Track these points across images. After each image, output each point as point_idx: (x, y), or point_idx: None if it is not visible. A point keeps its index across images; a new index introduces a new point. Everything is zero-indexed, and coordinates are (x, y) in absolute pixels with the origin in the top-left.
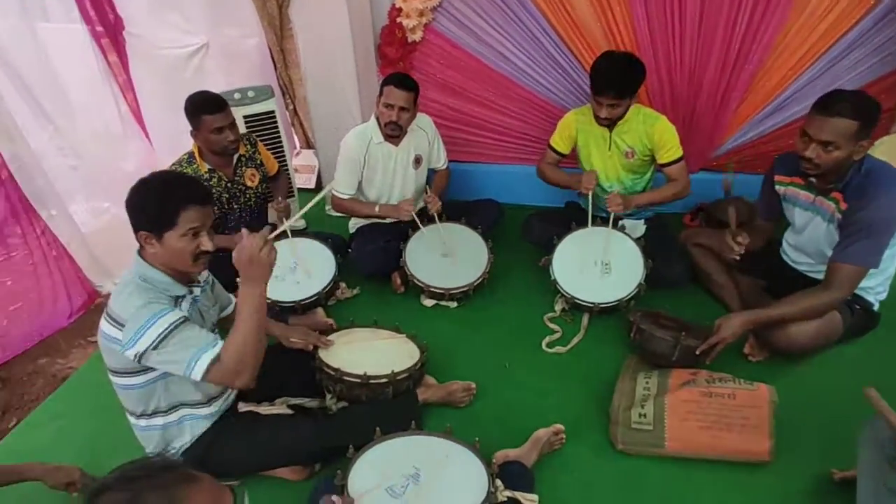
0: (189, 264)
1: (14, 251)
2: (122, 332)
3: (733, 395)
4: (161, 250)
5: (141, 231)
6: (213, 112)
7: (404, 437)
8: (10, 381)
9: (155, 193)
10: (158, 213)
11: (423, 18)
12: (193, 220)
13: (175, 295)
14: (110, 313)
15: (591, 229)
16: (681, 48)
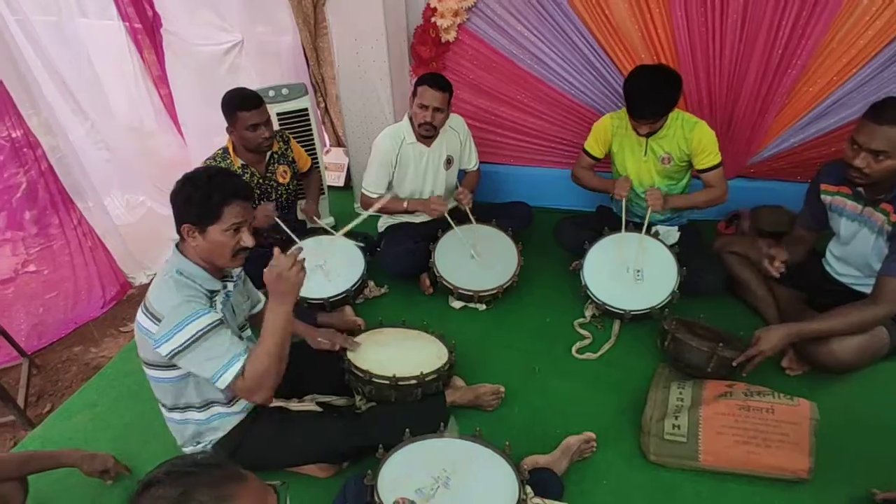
0: (228, 259)
1: (52, 241)
2: (157, 327)
3: (772, 410)
4: (203, 243)
5: (185, 224)
6: (249, 109)
7: (433, 439)
8: (45, 367)
9: (201, 187)
10: (204, 207)
11: (457, 19)
12: (237, 216)
13: (210, 289)
14: (148, 306)
15: (624, 235)
16: (720, 52)
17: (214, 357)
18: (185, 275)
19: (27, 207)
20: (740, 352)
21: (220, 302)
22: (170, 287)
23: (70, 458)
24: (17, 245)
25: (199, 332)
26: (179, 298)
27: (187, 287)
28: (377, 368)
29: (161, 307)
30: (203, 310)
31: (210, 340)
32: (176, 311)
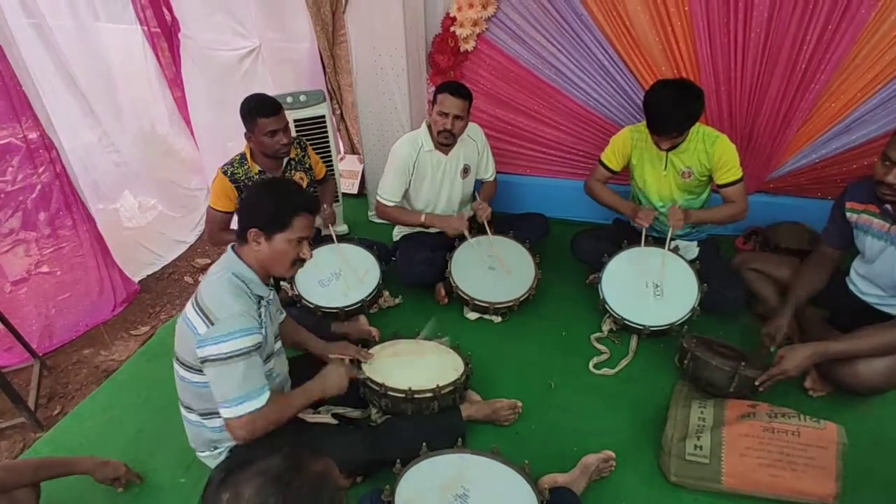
0: (287, 267)
1: (64, 243)
2: (207, 328)
3: (798, 433)
4: (266, 249)
5: (253, 228)
6: (269, 115)
7: (451, 455)
8: (56, 369)
9: (276, 196)
10: (276, 215)
11: (476, 28)
12: (303, 229)
13: (259, 294)
14: (200, 302)
15: (644, 249)
16: (742, 66)
17: (243, 384)
18: (239, 277)
19: (42, 208)
20: (762, 370)
21: (263, 308)
22: (226, 291)
23: (83, 466)
24: (30, 246)
25: (245, 349)
26: (238, 308)
27: (242, 294)
28: (392, 381)
29: (218, 310)
30: (254, 328)
31: (248, 362)
32: (232, 320)
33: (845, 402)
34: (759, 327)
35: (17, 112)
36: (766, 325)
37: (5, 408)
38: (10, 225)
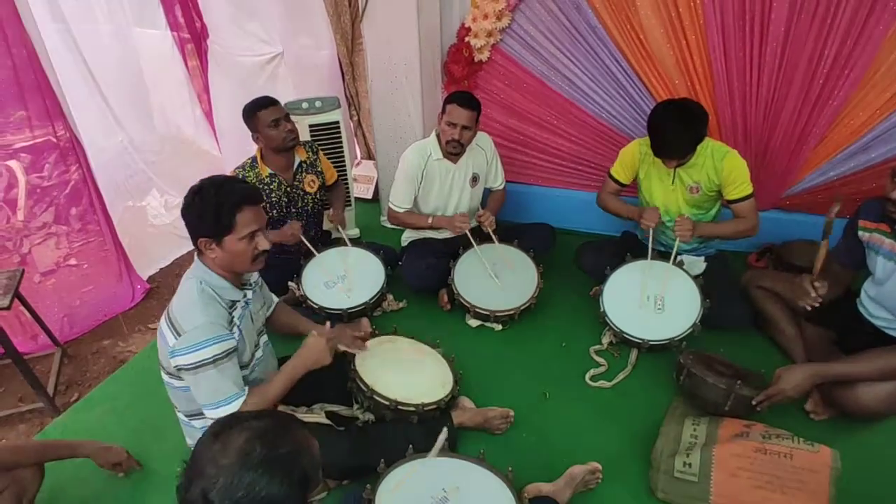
0: (248, 265)
1: (92, 237)
2: (176, 340)
3: (791, 455)
4: (222, 254)
5: (201, 238)
6: (267, 106)
7: (436, 458)
8: (76, 358)
9: (211, 200)
10: (216, 220)
11: (490, 39)
12: (250, 223)
13: (231, 299)
14: (171, 315)
15: (647, 262)
16: (758, 80)
17: (217, 389)
18: (208, 285)
19: (73, 204)
20: (760, 390)
21: (238, 312)
22: (194, 302)
23: (85, 449)
24: (61, 239)
25: (213, 357)
26: (203, 317)
27: (212, 302)
28: (380, 385)
29: (184, 321)
30: (222, 335)
31: (219, 368)
32: (197, 332)
33: (847, 427)
34: (765, 347)
35: (50, 113)
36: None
37: (26, 393)
38: (43, 219)
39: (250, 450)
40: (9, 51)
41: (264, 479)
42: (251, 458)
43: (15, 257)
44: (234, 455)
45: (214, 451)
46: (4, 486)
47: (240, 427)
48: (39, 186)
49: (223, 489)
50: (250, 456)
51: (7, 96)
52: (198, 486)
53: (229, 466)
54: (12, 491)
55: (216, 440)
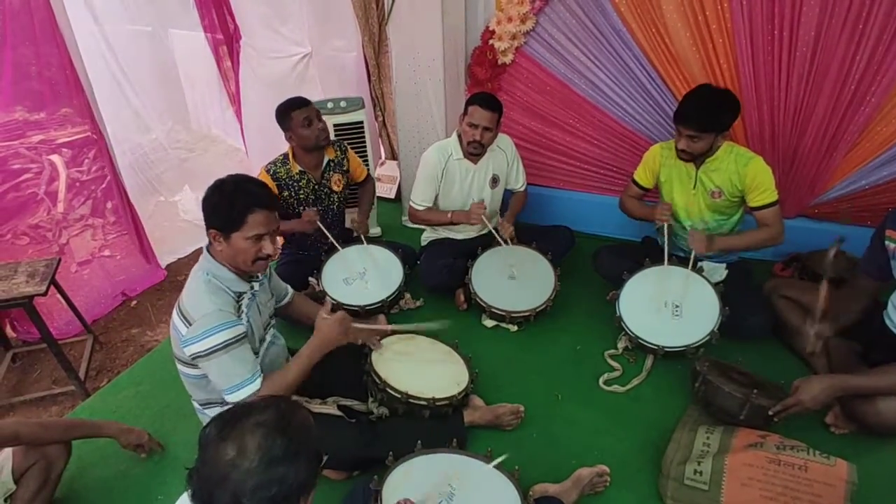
0: (249, 265)
1: (126, 230)
2: (187, 329)
3: (805, 468)
4: (227, 249)
5: (211, 229)
6: (300, 106)
7: (444, 454)
8: (107, 345)
9: (227, 196)
10: (229, 215)
11: (514, 42)
12: (259, 225)
13: (238, 291)
14: (181, 306)
15: (666, 268)
16: (787, 86)
17: (232, 373)
18: (215, 277)
19: (109, 198)
20: (777, 400)
21: (246, 302)
22: (202, 291)
23: (110, 430)
24: (97, 231)
25: (224, 342)
26: (211, 306)
27: (218, 291)
28: (394, 379)
29: (193, 311)
30: (231, 321)
31: (231, 354)
32: (207, 319)
33: (868, 443)
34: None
35: (90, 110)
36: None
37: (59, 376)
38: (81, 211)
39: (272, 445)
40: (56, 50)
41: (293, 468)
42: (275, 452)
43: (54, 247)
44: (257, 454)
45: (233, 456)
46: (34, 460)
47: (248, 424)
48: (79, 180)
49: (255, 490)
50: (273, 451)
51: (53, 94)
52: (226, 493)
53: (256, 467)
54: (41, 465)
55: (227, 444)
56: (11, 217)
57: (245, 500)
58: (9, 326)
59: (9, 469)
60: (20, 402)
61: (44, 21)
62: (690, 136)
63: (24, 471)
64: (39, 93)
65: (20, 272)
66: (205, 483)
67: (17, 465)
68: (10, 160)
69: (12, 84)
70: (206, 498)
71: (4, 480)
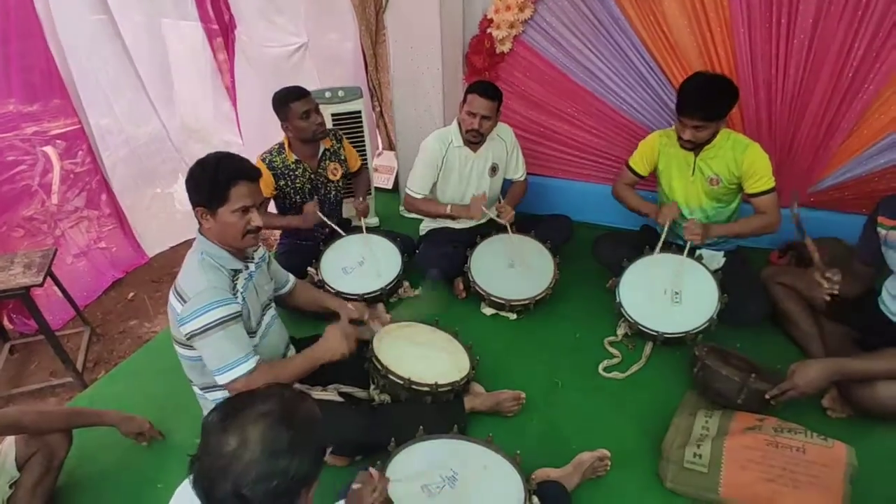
0: (239, 239)
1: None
2: (182, 307)
3: (803, 449)
4: (215, 225)
5: (198, 207)
6: (298, 98)
7: (446, 440)
8: (105, 337)
9: (209, 171)
10: (212, 189)
11: (513, 30)
12: (244, 197)
13: (233, 268)
14: (177, 285)
15: (665, 256)
16: (784, 73)
17: (225, 352)
18: (209, 255)
19: (103, 190)
20: (774, 384)
21: (242, 281)
22: (196, 270)
23: (111, 418)
24: (92, 223)
25: (218, 320)
26: (205, 284)
27: (213, 269)
28: (397, 365)
29: (188, 288)
30: (226, 299)
31: (226, 331)
32: (200, 296)
33: (865, 427)
34: (783, 344)
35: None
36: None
37: (57, 368)
38: (76, 203)
39: (275, 437)
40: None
41: (295, 460)
42: (278, 444)
43: (49, 239)
44: (260, 446)
45: (234, 447)
46: (35, 448)
47: (251, 415)
48: (73, 172)
49: (256, 482)
50: (276, 443)
51: (45, 85)
52: (227, 484)
53: (257, 461)
54: (43, 454)
55: (229, 435)
56: (6, 209)
57: (245, 490)
58: (6, 318)
59: (12, 457)
60: (18, 394)
61: (24, 14)
62: (696, 126)
63: (26, 459)
64: (32, 84)
65: (16, 263)
66: (206, 471)
67: (20, 453)
68: (5, 152)
69: (5, 77)
70: (207, 486)
71: (8, 468)
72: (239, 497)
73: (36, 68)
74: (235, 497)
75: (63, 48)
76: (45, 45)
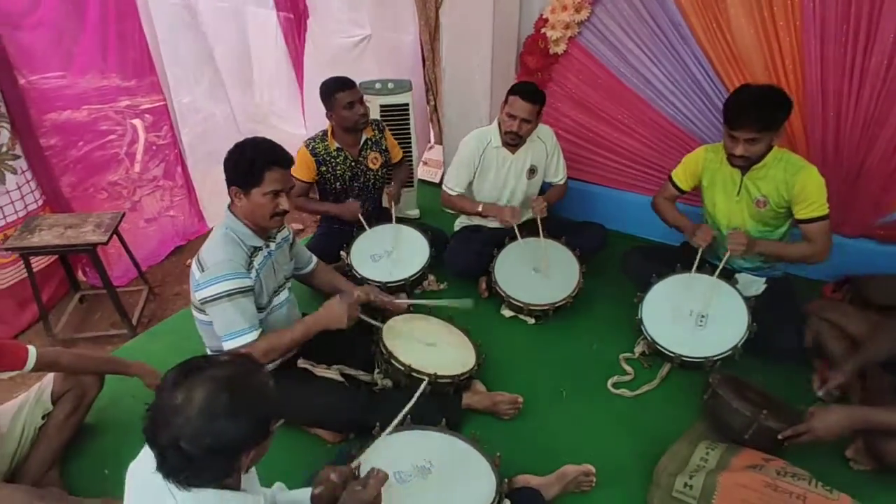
0: (267, 220)
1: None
2: (200, 274)
3: (804, 498)
4: (246, 204)
5: (233, 186)
6: (344, 89)
7: (430, 431)
8: (160, 297)
9: (247, 154)
10: (248, 172)
11: (567, 31)
12: (276, 182)
13: (252, 245)
14: (200, 255)
15: (698, 276)
16: (858, 92)
17: (232, 321)
18: (233, 231)
19: (179, 163)
20: (788, 425)
21: (259, 258)
22: (218, 242)
23: (136, 369)
24: (165, 192)
25: (229, 291)
26: (223, 256)
27: (233, 244)
28: (400, 352)
29: (208, 258)
30: (239, 273)
31: (235, 303)
32: (217, 266)
33: (888, 484)
34: None
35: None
36: (825, 370)
37: (116, 320)
38: (154, 172)
39: (214, 399)
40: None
41: (230, 424)
42: (215, 407)
43: (127, 204)
44: (200, 406)
45: (179, 402)
46: (70, 387)
47: (202, 377)
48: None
49: (192, 437)
50: (214, 406)
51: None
52: (167, 434)
53: (196, 416)
54: (75, 392)
55: (178, 390)
56: (95, 173)
57: (182, 443)
58: (80, 271)
59: (49, 392)
60: (81, 339)
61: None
62: (750, 139)
63: (61, 395)
64: (130, 62)
65: (89, 222)
66: (153, 420)
67: (56, 389)
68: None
69: (107, 54)
70: (152, 433)
71: (44, 400)
72: (176, 448)
73: (133, 48)
74: (173, 447)
75: (155, 31)
76: (140, 27)
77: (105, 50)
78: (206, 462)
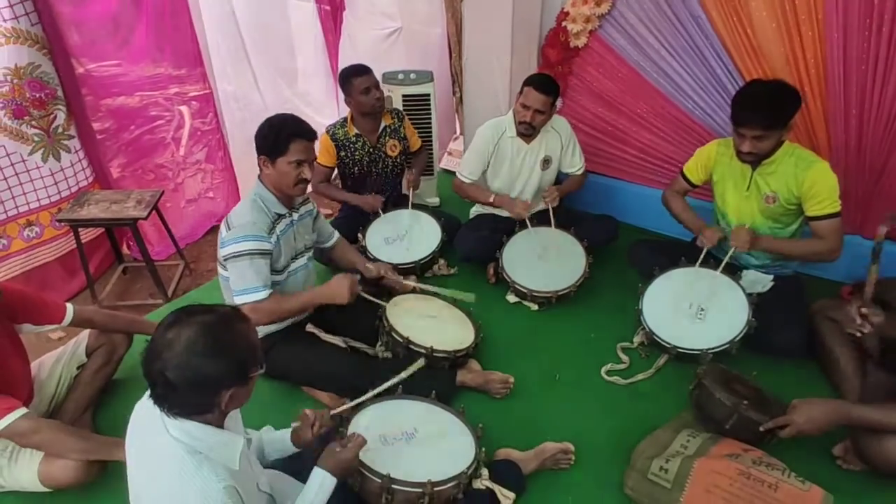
0: (291, 187)
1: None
2: (227, 233)
3: (775, 487)
4: (273, 172)
5: (261, 156)
6: (361, 74)
7: (418, 401)
8: (195, 272)
9: (275, 127)
10: (276, 142)
11: (588, 25)
12: (300, 152)
13: (277, 212)
14: (229, 216)
15: (701, 270)
16: (881, 89)
17: (246, 278)
18: (261, 198)
19: (220, 148)
20: (771, 417)
21: (282, 225)
22: (246, 207)
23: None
24: (206, 175)
25: (249, 250)
26: (248, 218)
27: (259, 211)
28: (401, 326)
29: (234, 219)
30: (260, 236)
31: (252, 262)
32: (243, 227)
33: (874, 485)
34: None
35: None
36: None
37: (154, 291)
38: (198, 156)
39: (196, 339)
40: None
41: (208, 362)
42: (197, 346)
43: (171, 185)
44: (184, 344)
45: (170, 339)
46: (102, 342)
47: (192, 320)
48: (200, 129)
49: (176, 369)
50: (196, 345)
51: (189, 54)
52: (158, 365)
53: (180, 353)
54: (107, 348)
55: (170, 330)
56: (144, 156)
57: (168, 374)
58: (125, 245)
59: (83, 346)
60: (122, 306)
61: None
62: (756, 136)
63: (94, 349)
64: (181, 53)
65: (131, 199)
66: (148, 352)
67: (90, 343)
68: (151, 108)
69: (170, 44)
70: (146, 363)
71: (79, 353)
72: (164, 377)
73: (184, 40)
74: (161, 376)
75: (203, 23)
76: (191, 20)
77: (160, 41)
78: (188, 394)
